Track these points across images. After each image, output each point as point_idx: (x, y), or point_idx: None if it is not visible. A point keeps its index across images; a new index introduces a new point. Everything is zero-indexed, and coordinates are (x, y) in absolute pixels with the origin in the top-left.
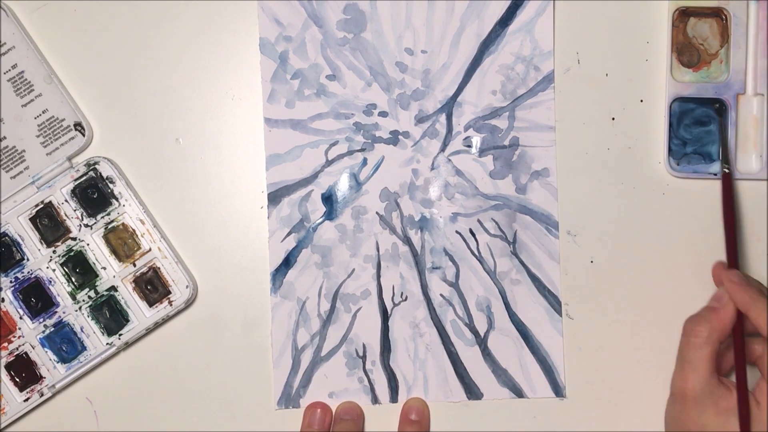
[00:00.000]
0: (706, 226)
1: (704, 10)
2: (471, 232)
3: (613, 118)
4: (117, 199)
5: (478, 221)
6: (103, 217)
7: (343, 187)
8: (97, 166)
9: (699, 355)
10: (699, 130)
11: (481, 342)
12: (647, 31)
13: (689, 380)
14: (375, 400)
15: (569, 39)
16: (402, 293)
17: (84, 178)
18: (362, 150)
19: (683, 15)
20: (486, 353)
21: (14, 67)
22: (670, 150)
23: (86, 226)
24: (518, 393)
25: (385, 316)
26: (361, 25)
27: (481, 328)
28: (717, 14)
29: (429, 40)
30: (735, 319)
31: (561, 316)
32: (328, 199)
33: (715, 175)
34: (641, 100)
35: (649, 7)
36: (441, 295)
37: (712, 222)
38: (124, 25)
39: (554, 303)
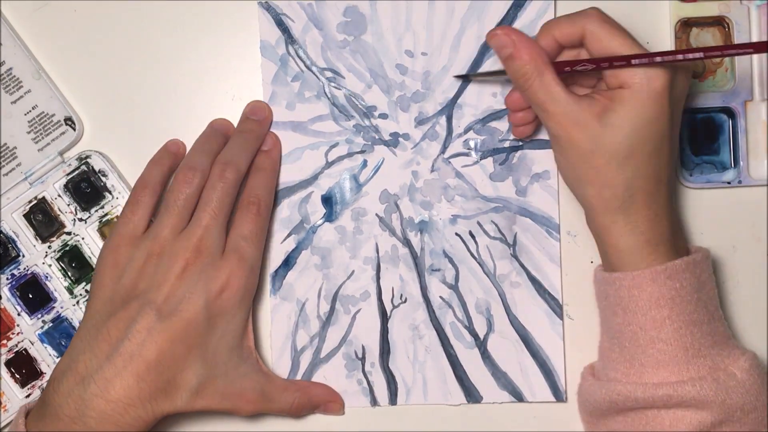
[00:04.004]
0: (706, 224)
1: (706, 19)
2: (471, 234)
3: None
4: (110, 192)
5: (478, 223)
6: (97, 211)
7: (343, 188)
8: (89, 159)
9: (545, 86)
10: (709, 139)
11: (481, 345)
12: (647, 32)
13: (556, 115)
14: (374, 402)
15: None
16: (401, 295)
17: (76, 172)
18: (362, 152)
19: (685, 26)
20: (485, 356)
21: (2, 64)
22: (682, 161)
23: (80, 220)
24: (518, 396)
25: (384, 317)
26: (361, 27)
27: (481, 331)
28: (719, 23)
29: (429, 42)
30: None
31: (561, 319)
32: (328, 200)
33: (729, 183)
34: None
35: (649, 8)
36: (440, 297)
37: (713, 224)
38: (124, 24)
39: (555, 306)
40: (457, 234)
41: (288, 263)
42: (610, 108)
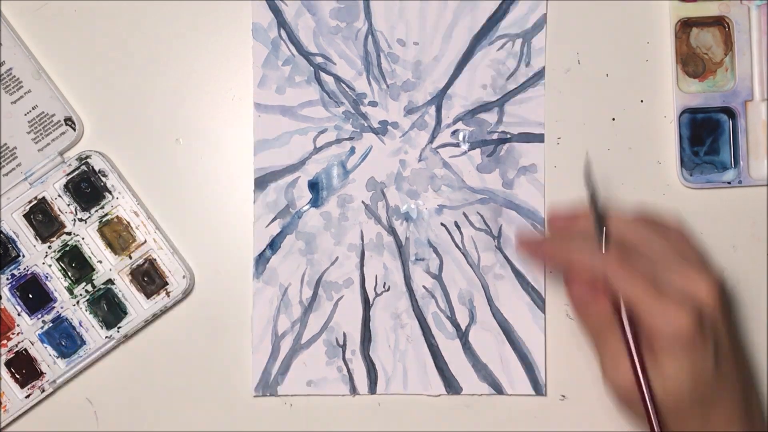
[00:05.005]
0: (706, 225)
1: (706, 19)
2: (456, 224)
3: (613, 119)
4: (110, 192)
5: (464, 214)
6: (97, 211)
7: (330, 174)
8: (89, 159)
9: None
10: (710, 139)
11: (462, 336)
12: (647, 32)
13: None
14: (353, 390)
15: (569, 39)
16: (384, 283)
17: (76, 172)
18: (350, 139)
19: (685, 26)
20: (467, 347)
21: (2, 64)
22: (682, 161)
23: (80, 220)
24: (498, 389)
25: (366, 305)
26: (354, 14)
27: (463, 322)
28: (719, 23)
29: (421, 31)
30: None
31: (544, 312)
32: (315, 186)
33: (729, 183)
34: (641, 101)
35: (650, 7)
36: (423, 286)
37: (712, 222)
38: (124, 24)
39: (537, 300)
40: (442, 224)
41: (272, 247)
42: (654, 359)
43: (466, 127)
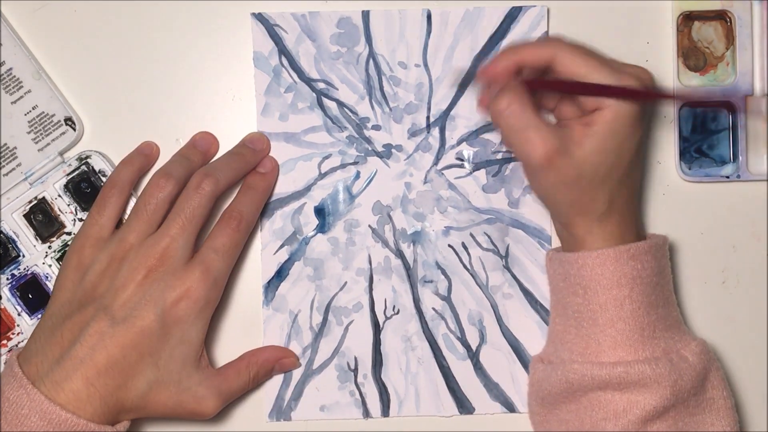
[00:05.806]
0: (707, 225)
1: (708, 13)
2: (463, 245)
3: None
4: None
5: (471, 235)
6: None
7: (335, 200)
8: (89, 159)
9: (525, 113)
10: (709, 133)
11: (473, 356)
12: (647, 32)
13: (538, 142)
14: (366, 413)
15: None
16: (394, 306)
17: (76, 172)
18: (355, 163)
19: (687, 19)
20: (478, 367)
21: (2, 64)
22: (681, 155)
23: (81, 220)
24: (510, 407)
25: (377, 329)
26: (355, 38)
27: (473, 342)
28: (721, 17)
29: (422, 53)
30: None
31: None
32: (321, 212)
33: (727, 177)
34: None
35: (650, 8)
36: (433, 308)
37: (713, 222)
38: (124, 24)
39: (546, 317)
40: (449, 245)
41: (280, 274)
42: (590, 133)
43: (471, 148)
